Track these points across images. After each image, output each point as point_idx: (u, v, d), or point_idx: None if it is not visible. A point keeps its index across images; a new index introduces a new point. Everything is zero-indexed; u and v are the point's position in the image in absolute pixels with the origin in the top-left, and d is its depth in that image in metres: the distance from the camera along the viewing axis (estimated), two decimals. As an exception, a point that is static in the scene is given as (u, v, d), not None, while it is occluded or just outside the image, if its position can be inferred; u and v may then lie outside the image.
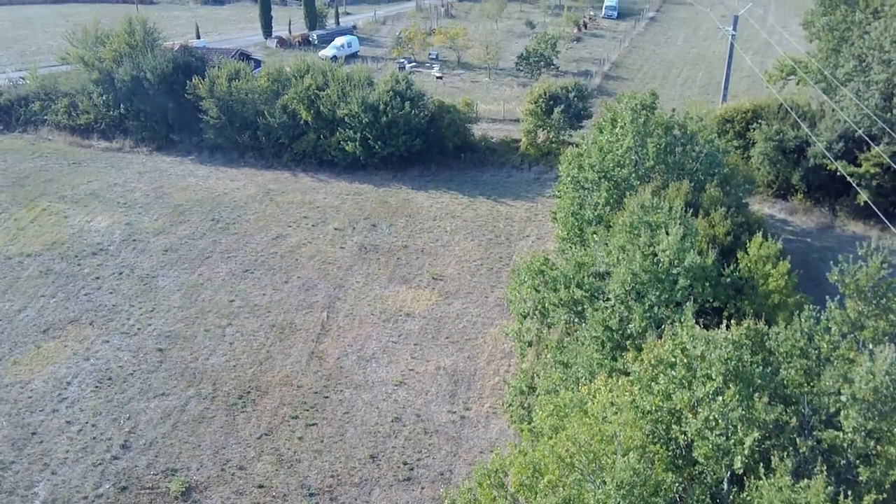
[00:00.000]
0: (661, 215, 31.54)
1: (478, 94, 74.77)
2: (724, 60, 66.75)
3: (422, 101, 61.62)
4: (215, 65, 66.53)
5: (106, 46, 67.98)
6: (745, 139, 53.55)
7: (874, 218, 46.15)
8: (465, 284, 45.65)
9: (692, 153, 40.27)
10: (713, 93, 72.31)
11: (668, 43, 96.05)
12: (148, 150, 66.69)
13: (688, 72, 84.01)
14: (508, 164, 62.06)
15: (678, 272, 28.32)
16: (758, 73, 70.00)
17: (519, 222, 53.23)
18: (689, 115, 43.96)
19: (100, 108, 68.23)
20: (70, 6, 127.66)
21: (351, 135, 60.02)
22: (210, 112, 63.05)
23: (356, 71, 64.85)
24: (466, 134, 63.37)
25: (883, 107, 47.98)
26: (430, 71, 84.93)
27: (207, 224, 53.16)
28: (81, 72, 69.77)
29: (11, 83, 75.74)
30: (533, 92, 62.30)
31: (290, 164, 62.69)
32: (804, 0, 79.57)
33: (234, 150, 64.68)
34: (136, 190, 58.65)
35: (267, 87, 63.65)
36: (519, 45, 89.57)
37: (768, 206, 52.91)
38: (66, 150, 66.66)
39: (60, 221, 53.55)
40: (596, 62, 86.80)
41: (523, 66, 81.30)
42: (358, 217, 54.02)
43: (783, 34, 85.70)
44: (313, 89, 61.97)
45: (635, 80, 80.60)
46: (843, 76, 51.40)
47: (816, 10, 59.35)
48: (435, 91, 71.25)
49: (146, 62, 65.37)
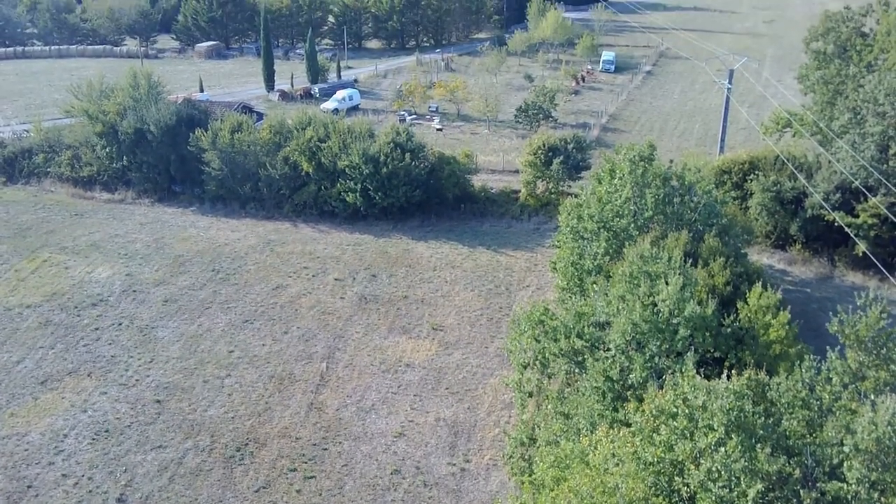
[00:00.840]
0: (661, 265, 31.66)
1: (477, 146, 75.55)
2: (721, 113, 67.60)
3: (422, 153, 62.26)
4: (218, 117, 67.39)
5: (110, 100, 68.90)
6: (743, 190, 53.95)
7: (873, 268, 46.25)
8: (465, 335, 45.56)
9: (690, 204, 40.56)
10: (710, 145, 73.03)
11: (664, 96, 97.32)
12: (150, 201, 67.12)
13: (685, 124, 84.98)
14: (508, 215, 62.41)
15: (678, 322, 28.32)
16: (754, 125, 70.81)
17: (519, 272, 53.34)
18: (686, 167, 44.35)
19: (103, 160, 68.87)
20: (76, 60, 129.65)
21: (352, 186, 60.50)
22: (212, 164, 63.64)
23: (357, 123, 65.65)
24: (466, 185, 63.86)
25: (879, 158, 48.48)
26: (431, 123, 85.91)
27: (208, 275, 53.26)
28: (85, 125, 70.55)
29: (16, 136, 76.59)
30: (532, 143, 62.95)
31: (290, 215, 63.04)
32: (798, 54, 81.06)
33: (236, 201, 65.10)
34: (137, 241, 58.89)
35: (269, 139, 64.35)
36: (518, 98, 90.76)
37: (767, 256, 53.06)
38: (69, 202, 67.08)
39: (61, 272, 53.64)
40: (594, 114, 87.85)
41: (522, 118, 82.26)
42: (358, 267, 54.15)
43: (778, 87, 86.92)
44: (315, 141, 62.66)
45: (633, 132, 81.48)
46: (838, 128, 52.05)
47: (811, 65, 60.53)
48: (435, 143, 72.01)
49: (150, 115, 66.19)
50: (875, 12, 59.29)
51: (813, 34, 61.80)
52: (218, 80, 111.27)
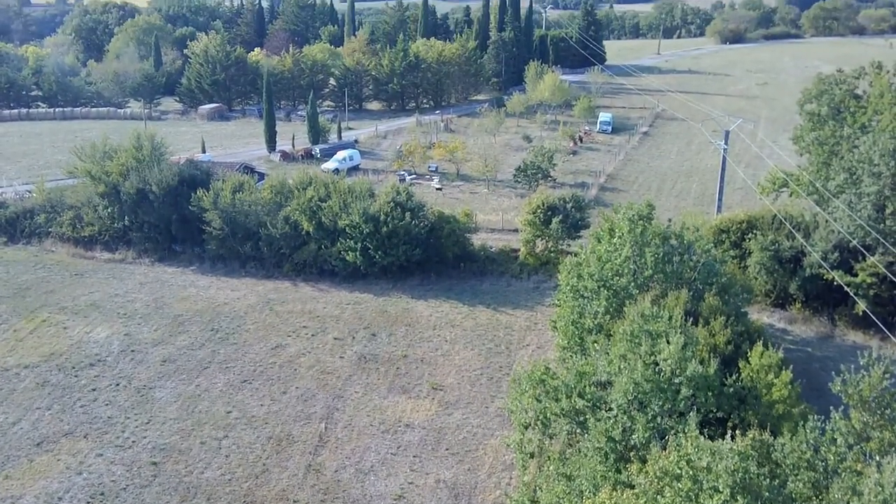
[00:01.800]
0: (662, 324, 31.64)
1: (477, 205, 76.09)
2: (718, 173, 68.33)
3: (422, 212, 62.69)
4: (220, 178, 68.01)
5: (113, 161, 69.58)
6: (742, 249, 54.14)
7: (874, 327, 46.15)
8: (465, 394, 45.20)
9: (690, 262, 40.70)
10: (708, 204, 73.61)
11: (661, 156, 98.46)
12: (150, 260, 67.26)
13: (682, 184, 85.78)
14: (508, 274, 62.50)
15: (680, 382, 28.17)
16: (751, 185, 71.49)
17: (519, 331, 53.18)
18: (685, 226, 44.67)
19: (104, 220, 69.24)
20: (80, 122, 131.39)
21: (352, 245, 60.75)
22: (213, 223, 63.98)
23: (358, 183, 66.26)
24: (466, 244, 64.12)
25: (876, 218, 48.81)
26: (430, 183, 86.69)
27: (207, 334, 53.07)
28: (88, 185, 71.09)
29: (18, 196, 77.14)
30: (531, 203, 63.46)
31: (290, 274, 63.12)
32: (792, 116, 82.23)
33: (236, 261, 65.26)
34: (136, 300, 58.82)
35: (270, 199, 64.86)
36: (517, 158, 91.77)
37: (767, 315, 52.98)
38: (69, 262, 67.20)
39: (59, 332, 53.46)
40: (592, 174, 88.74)
41: (521, 177, 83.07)
42: (357, 326, 54.00)
43: (773, 148, 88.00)
44: (316, 201, 63.14)
45: (631, 191, 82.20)
46: (834, 188, 52.52)
47: (805, 126, 61.34)
48: (435, 202, 72.55)
49: (152, 175, 66.81)
50: (868, 75, 60.33)
51: (807, 96, 62.79)
52: (220, 141, 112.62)
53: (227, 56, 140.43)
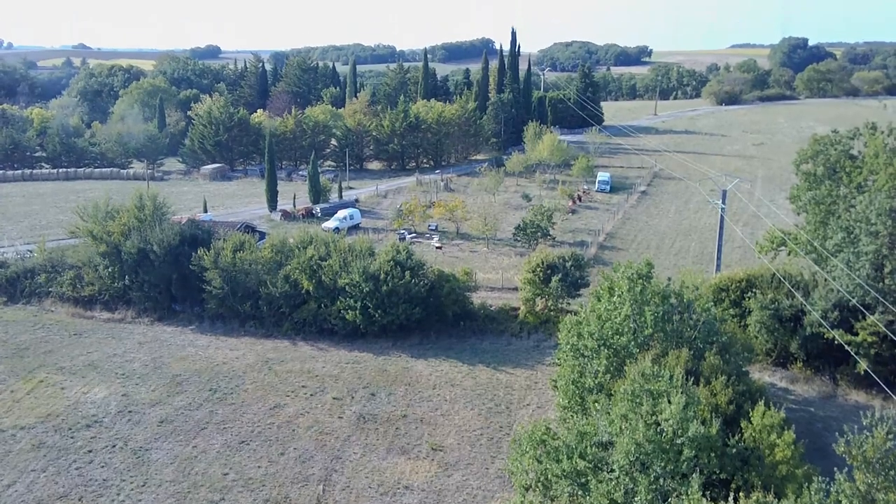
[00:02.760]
0: (663, 383, 31.47)
1: (476, 264, 76.29)
2: (716, 231, 68.70)
3: (421, 271, 62.83)
4: (221, 237, 68.36)
5: (115, 220, 70.03)
6: (741, 308, 54.11)
7: (876, 387, 45.86)
8: (464, 455, 44.64)
9: (690, 321, 40.66)
10: (707, 262, 73.84)
11: (660, 215, 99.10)
12: (149, 320, 67.14)
13: (681, 242, 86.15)
14: (507, 332, 62.35)
15: (682, 442, 27.90)
16: (749, 244, 71.82)
17: (519, 391, 52.79)
18: (684, 284, 44.73)
19: (105, 279, 69.32)
20: (82, 183, 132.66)
21: (351, 303, 60.73)
22: (213, 282, 64.07)
23: (358, 242, 66.56)
24: (465, 302, 64.12)
25: (874, 276, 48.90)
26: (430, 241, 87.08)
27: (205, 394, 52.66)
28: (89, 245, 71.37)
29: (19, 256, 77.40)
30: (531, 261, 63.66)
31: (290, 333, 62.95)
32: (789, 176, 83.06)
33: (235, 320, 65.17)
34: (134, 360, 58.53)
35: (270, 258, 65.08)
36: (516, 217, 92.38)
37: (769, 374, 52.68)
38: (68, 322, 67.07)
39: (57, 393, 53.04)
40: (591, 233, 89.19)
41: (521, 236, 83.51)
42: (357, 386, 53.63)
43: (771, 207, 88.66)
44: (316, 259, 63.36)
45: (630, 250, 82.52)
46: (832, 247, 52.72)
47: (802, 186, 61.82)
48: (434, 261, 72.74)
49: (153, 235, 67.18)
50: (862, 136, 61.05)
51: (802, 156, 63.46)
52: (222, 200, 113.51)
53: (230, 117, 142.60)
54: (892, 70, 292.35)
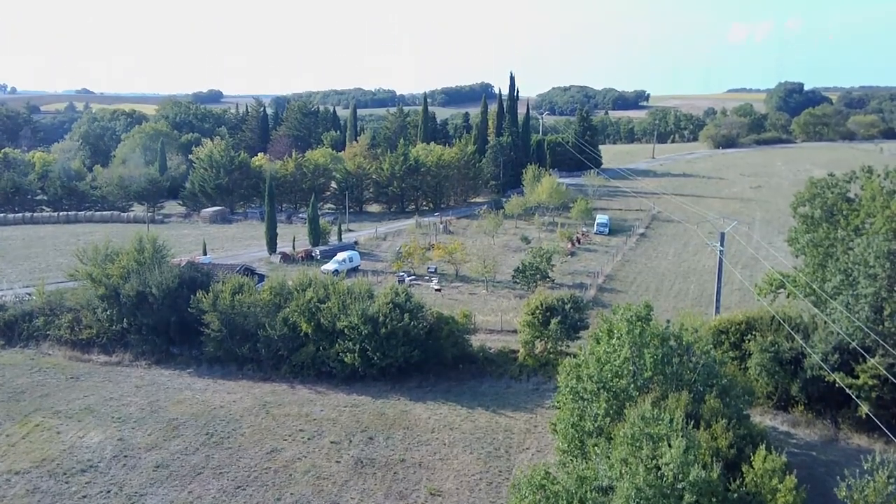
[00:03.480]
0: (663, 427, 31.25)
1: (476, 306, 76.18)
2: (715, 274, 68.68)
3: (420, 313, 62.70)
4: (220, 279, 68.38)
5: (115, 263, 70.11)
6: (741, 350, 53.90)
7: (878, 430, 45.45)
8: (463, 500, 44.09)
9: (689, 364, 40.50)
10: (706, 305, 73.73)
11: (659, 257, 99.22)
12: (147, 363, 66.84)
13: (680, 284, 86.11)
14: (507, 375, 62.01)
15: (683, 487, 27.62)
16: (748, 286, 71.81)
17: (518, 434, 52.33)
18: (683, 327, 44.60)
19: (103, 322, 69.18)
20: (83, 226, 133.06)
21: (350, 346, 60.50)
22: (212, 325, 63.93)
23: (357, 284, 66.54)
24: (465, 345, 63.88)
25: (874, 319, 48.77)
26: (429, 284, 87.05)
27: (201, 438, 52.18)
28: (88, 288, 71.36)
29: (17, 299, 77.31)
30: (530, 303, 63.58)
31: (288, 376, 62.60)
32: (786, 218, 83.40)
33: (233, 363, 64.86)
34: (131, 404, 58.11)
35: (269, 301, 65.00)
36: (515, 259, 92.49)
37: (770, 417, 52.27)
38: (65, 365, 66.73)
39: (52, 437, 52.57)
40: (590, 275, 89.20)
41: (520, 278, 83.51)
42: (355, 430, 53.18)
43: (769, 250, 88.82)
44: (315, 302, 63.29)
45: (629, 292, 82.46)
46: (831, 290, 52.69)
47: (799, 228, 62.03)
48: (434, 303, 72.63)
49: (153, 278, 67.21)
50: (859, 179, 61.44)
51: (800, 199, 63.79)
52: (222, 243, 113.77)
53: (230, 161, 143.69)
54: (887, 114, 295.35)
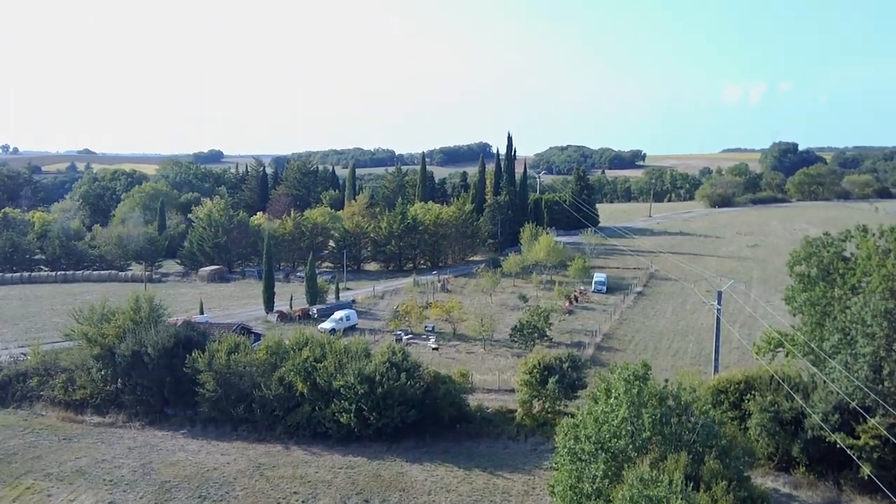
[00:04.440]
0: (662, 489, 30.82)
1: (473, 365, 75.73)
2: (713, 332, 68.52)
3: (417, 372, 62.32)
4: (216, 338, 68.09)
5: (111, 323, 69.90)
6: (741, 410, 53.44)
7: (880, 492, 44.79)
8: (461, 566, 43.14)
9: (688, 424, 40.12)
10: (705, 363, 73.36)
11: (657, 315, 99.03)
12: (140, 424, 66.08)
13: (678, 343, 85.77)
14: (504, 435, 61.29)
15: (683, 551, 27.10)
16: (746, 345, 71.56)
17: (516, 496, 51.46)
18: (682, 386, 44.30)
19: (97, 382, 68.65)
20: (80, 285, 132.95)
21: (346, 406, 59.91)
22: (207, 385, 63.42)
23: (354, 343, 66.29)
24: (462, 404, 63.30)
25: (873, 378, 48.50)
26: (427, 342, 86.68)
27: (194, 502, 51.26)
28: (83, 348, 71.01)
29: (12, 359, 76.84)
30: (528, 362, 63.27)
31: (283, 437, 61.82)
32: (783, 277, 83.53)
33: (228, 423, 64.13)
34: (123, 466, 57.24)
35: (265, 360, 64.64)
36: (513, 318, 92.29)
37: (771, 479, 51.51)
38: (58, 426, 65.94)
39: (43, 500, 51.66)
40: (588, 334, 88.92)
41: (517, 337, 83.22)
42: (350, 492, 52.30)
43: (767, 308, 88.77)
44: (311, 361, 62.92)
45: (627, 350, 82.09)
46: (829, 349, 52.50)
47: (796, 287, 62.05)
48: (431, 362, 72.21)
49: (148, 337, 66.94)
50: (854, 238, 61.69)
51: (796, 258, 63.94)
52: (219, 302, 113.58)
53: (229, 220, 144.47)
54: (881, 174, 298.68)
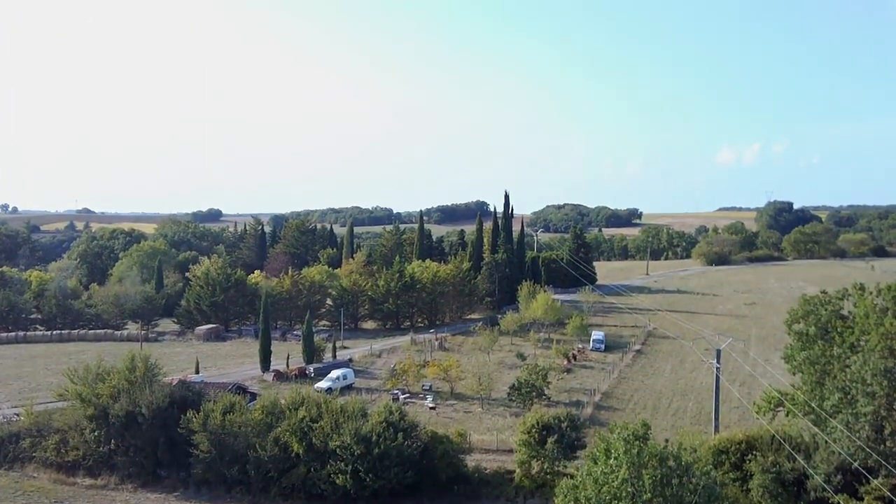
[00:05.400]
0: (663, 553, 30.22)
1: (471, 425, 74.90)
2: (713, 391, 67.98)
3: (414, 432, 61.62)
4: (211, 398, 67.42)
5: (105, 383, 69.27)
6: (742, 471, 52.73)
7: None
8: None
9: (689, 485, 39.55)
10: (705, 423, 72.59)
11: (655, 374, 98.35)
12: (133, 486, 64.94)
13: (678, 402, 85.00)
14: (503, 497, 60.27)
15: None
16: (746, 404, 70.95)
17: (516, 561, 50.41)
18: (682, 446, 43.85)
19: (90, 443, 67.68)
20: (76, 344, 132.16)
21: (342, 467, 59.04)
22: (201, 446, 62.53)
23: (350, 402, 65.68)
24: (459, 465, 62.40)
25: (875, 438, 47.98)
26: (424, 402, 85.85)
27: (186, 566, 50.18)
28: (77, 408, 70.19)
29: (5, 420, 75.92)
30: (526, 422, 62.60)
31: (277, 499, 60.73)
32: (782, 335, 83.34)
33: (222, 485, 63.04)
34: (115, 529, 56.17)
35: (260, 420, 63.90)
36: (511, 376, 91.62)
37: (776, 541, 50.58)
38: (50, 489, 64.78)
39: (30, 564, 50.54)
40: (587, 392, 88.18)
41: (515, 396, 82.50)
42: (346, 557, 51.23)
43: (766, 367, 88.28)
44: (307, 421, 62.23)
45: (626, 409, 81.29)
46: (830, 408, 52.05)
47: (795, 345, 61.82)
48: (428, 421, 71.42)
49: (143, 397, 66.29)
50: (851, 296, 61.67)
51: (794, 316, 63.83)
52: (215, 361, 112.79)
53: (227, 278, 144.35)
54: (876, 232, 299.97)
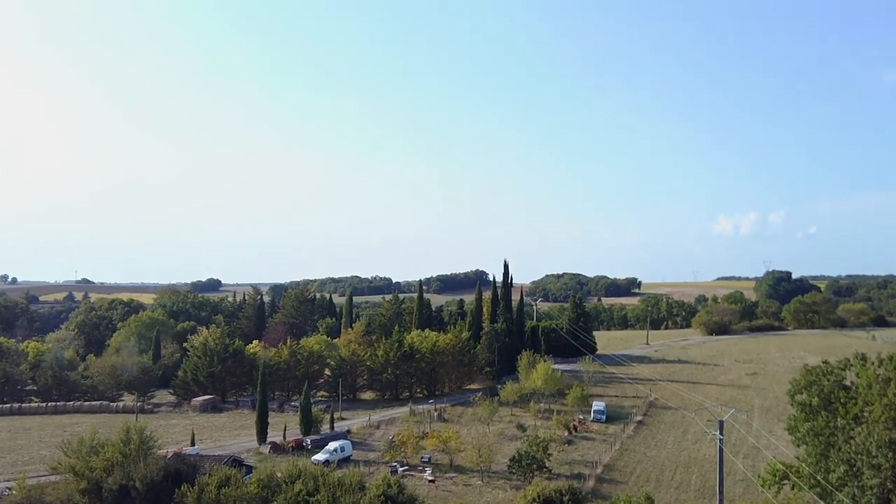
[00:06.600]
0: None
1: (471, 498, 73.49)
2: (716, 463, 66.90)
3: (413, 507, 60.40)
4: (206, 471, 66.22)
5: (99, 455, 68.15)
6: (750, 546, 51.58)
7: None
8: None
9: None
10: (709, 496, 71.26)
11: (658, 445, 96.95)
12: (124, 562, 63.30)
13: (681, 475, 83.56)
14: (504, 575, 58.79)
15: None
16: (750, 476, 69.77)
17: None
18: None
19: (81, 517, 66.24)
20: (70, 416, 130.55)
21: (339, 544, 57.69)
22: (195, 521, 61.20)
23: (348, 475, 64.46)
24: (459, 542, 61.06)
25: (882, 510, 47.19)
26: (423, 474, 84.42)
27: None
28: (70, 482, 68.79)
29: (-3, 494, 74.49)
30: (526, 495, 61.56)
31: (272, 577, 59.15)
32: (785, 405, 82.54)
33: (216, 562, 61.44)
34: None
35: (256, 494, 62.55)
36: (511, 448, 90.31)
37: None
38: (38, 564, 63.12)
39: None
40: (588, 465, 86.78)
41: (516, 468, 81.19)
42: None
43: (770, 438, 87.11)
44: (303, 495, 60.93)
45: (629, 482, 79.85)
46: (836, 481, 51.28)
47: (798, 417, 61.31)
48: (427, 495, 70.12)
49: (137, 471, 65.06)
50: (853, 366, 61.35)
51: (796, 387, 63.42)
52: (211, 433, 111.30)
53: (225, 348, 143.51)
54: (876, 302, 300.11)
